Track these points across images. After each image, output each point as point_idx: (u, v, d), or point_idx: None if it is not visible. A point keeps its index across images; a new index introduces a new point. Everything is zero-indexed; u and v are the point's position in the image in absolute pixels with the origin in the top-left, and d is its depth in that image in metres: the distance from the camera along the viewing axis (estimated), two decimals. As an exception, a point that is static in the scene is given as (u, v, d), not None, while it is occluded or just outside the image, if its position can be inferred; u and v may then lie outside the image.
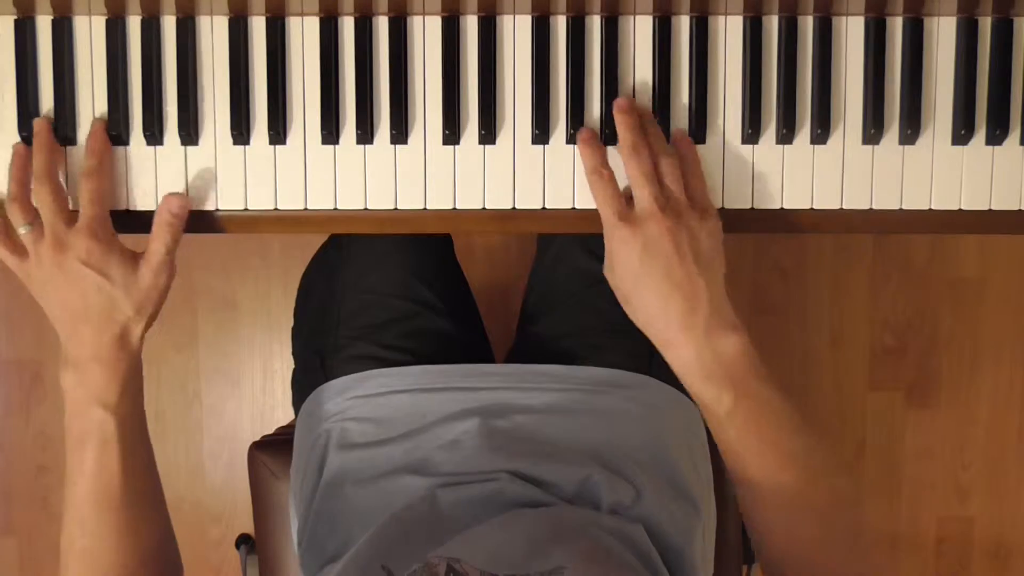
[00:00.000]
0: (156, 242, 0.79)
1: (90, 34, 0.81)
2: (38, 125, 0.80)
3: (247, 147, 0.82)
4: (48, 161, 0.79)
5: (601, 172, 0.79)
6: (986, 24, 0.83)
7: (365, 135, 0.81)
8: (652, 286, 0.76)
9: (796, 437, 0.76)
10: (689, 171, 0.79)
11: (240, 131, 0.81)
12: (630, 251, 0.76)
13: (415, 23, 0.82)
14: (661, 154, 0.78)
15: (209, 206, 0.82)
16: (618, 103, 0.80)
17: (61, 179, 0.80)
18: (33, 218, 0.78)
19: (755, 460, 0.75)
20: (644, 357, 0.96)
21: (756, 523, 0.79)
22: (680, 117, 0.83)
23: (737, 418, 0.75)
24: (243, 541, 1.18)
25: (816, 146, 0.83)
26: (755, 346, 0.76)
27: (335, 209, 0.82)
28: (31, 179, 0.78)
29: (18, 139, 0.81)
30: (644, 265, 0.76)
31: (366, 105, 0.81)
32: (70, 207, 0.79)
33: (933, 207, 0.84)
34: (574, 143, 0.82)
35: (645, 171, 0.77)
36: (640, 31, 0.82)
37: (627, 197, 0.79)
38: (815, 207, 0.83)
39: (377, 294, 1.02)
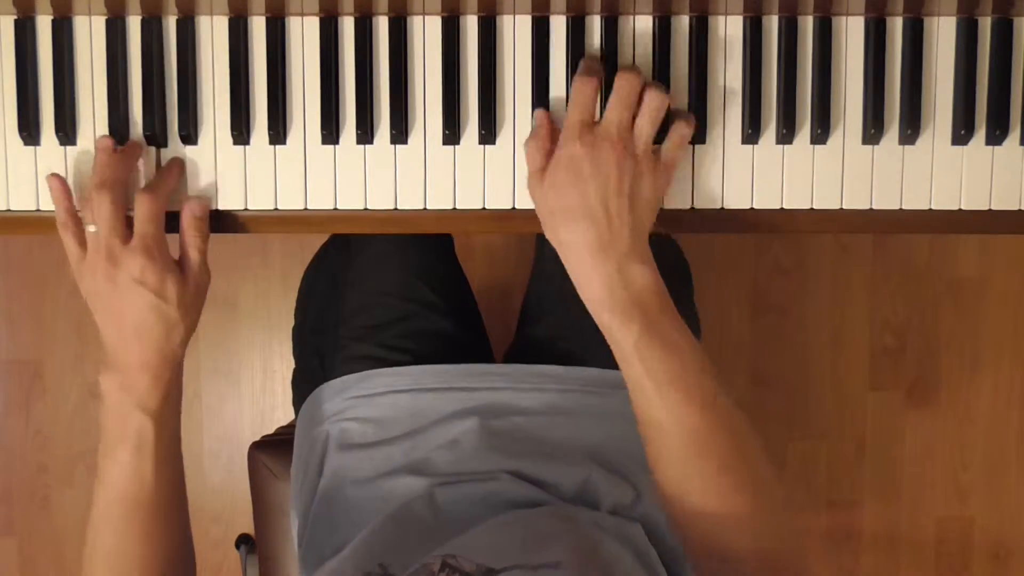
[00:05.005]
0: (190, 249, 0.79)
1: (90, 34, 0.81)
2: (134, 139, 0.80)
3: (247, 147, 0.82)
4: (118, 172, 0.78)
5: (591, 76, 0.77)
6: (986, 24, 0.83)
7: (365, 135, 0.81)
8: (583, 203, 0.74)
9: (701, 376, 0.74)
10: (676, 131, 0.78)
11: (240, 131, 0.81)
12: (577, 161, 0.75)
13: (415, 23, 0.82)
14: (653, 88, 0.76)
15: (209, 206, 0.82)
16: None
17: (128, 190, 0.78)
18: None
19: (659, 395, 0.74)
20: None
21: (660, 471, 0.76)
22: (680, 117, 0.83)
23: (644, 351, 0.74)
24: (243, 541, 1.18)
25: (816, 146, 0.83)
26: (667, 291, 0.75)
27: (335, 209, 0.82)
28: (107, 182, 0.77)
29: (18, 139, 0.81)
30: (583, 179, 0.74)
31: (366, 105, 0.81)
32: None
33: (933, 207, 0.83)
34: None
35: (625, 96, 0.76)
36: (640, 31, 0.82)
37: None
38: (815, 207, 0.83)
39: (377, 294, 1.02)
